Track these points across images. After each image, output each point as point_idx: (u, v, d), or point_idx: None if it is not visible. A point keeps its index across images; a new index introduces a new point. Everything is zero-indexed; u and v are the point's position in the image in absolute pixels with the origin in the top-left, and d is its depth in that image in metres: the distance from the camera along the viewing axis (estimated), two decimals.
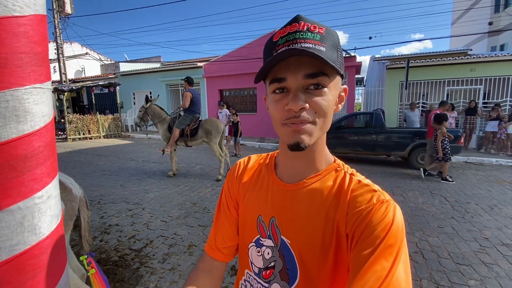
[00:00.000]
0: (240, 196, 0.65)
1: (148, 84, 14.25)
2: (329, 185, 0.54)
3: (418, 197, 4.25)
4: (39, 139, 0.59)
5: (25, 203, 0.58)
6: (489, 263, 2.45)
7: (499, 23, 14.55)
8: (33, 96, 0.58)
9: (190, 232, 3.05)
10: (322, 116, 0.48)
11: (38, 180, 0.60)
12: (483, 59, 8.43)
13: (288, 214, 0.55)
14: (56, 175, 0.66)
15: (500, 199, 4.15)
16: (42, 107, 0.61)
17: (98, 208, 3.81)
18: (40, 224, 0.61)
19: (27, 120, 0.57)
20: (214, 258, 0.67)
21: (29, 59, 0.56)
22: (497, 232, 3.05)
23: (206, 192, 4.51)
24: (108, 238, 2.93)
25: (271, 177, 0.61)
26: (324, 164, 0.56)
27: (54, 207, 0.65)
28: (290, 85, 0.47)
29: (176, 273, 2.30)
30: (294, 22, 0.46)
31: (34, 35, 0.56)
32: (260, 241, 0.59)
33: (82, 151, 8.92)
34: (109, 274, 2.28)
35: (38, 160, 0.59)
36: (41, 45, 0.58)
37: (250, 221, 0.61)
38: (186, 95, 5.09)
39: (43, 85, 0.61)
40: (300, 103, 0.45)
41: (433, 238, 2.92)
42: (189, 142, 5.28)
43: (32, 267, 0.59)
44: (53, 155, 0.64)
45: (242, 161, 0.69)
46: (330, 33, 0.47)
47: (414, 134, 6.26)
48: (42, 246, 0.61)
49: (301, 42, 0.44)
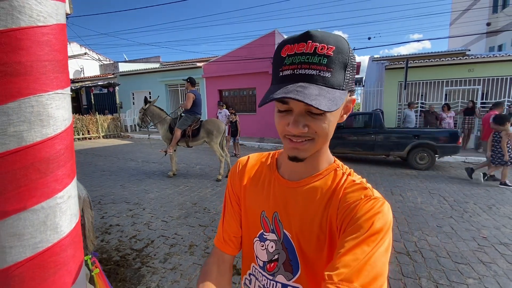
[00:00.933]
0: (242, 192, 0.68)
1: (147, 84, 14.25)
2: (327, 184, 0.57)
3: (417, 197, 4.27)
4: (61, 142, 0.62)
5: (48, 203, 0.61)
6: (487, 262, 2.48)
7: (497, 23, 14.63)
8: (55, 101, 0.61)
9: (190, 232, 3.06)
10: (322, 136, 0.50)
11: (60, 181, 0.63)
12: (481, 59, 8.47)
13: (289, 209, 0.59)
14: (75, 176, 0.69)
15: (498, 199, 4.19)
16: (63, 112, 0.64)
17: (99, 208, 3.81)
18: (61, 223, 0.64)
19: (50, 124, 0.60)
20: (222, 250, 0.71)
21: (51, 67, 0.59)
22: (495, 232, 3.08)
23: (206, 192, 4.53)
24: (109, 238, 2.94)
25: (273, 175, 0.64)
26: (325, 164, 0.59)
27: (73, 207, 0.68)
28: (292, 107, 0.49)
29: (177, 272, 2.31)
30: (302, 41, 0.45)
31: (56, 43, 0.59)
32: (264, 236, 0.63)
33: (82, 151, 8.91)
34: (111, 274, 2.30)
35: (59, 162, 0.62)
36: (62, 53, 0.61)
37: (254, 216, 0.65)
38: (188, 96, 5.11)
39: (64, 90, 0.64)
40: (300, 127, 0.48)
41: (432, 238, 2.94)
42: (191, 143, 5.30)
43: (54, 264, 0.62)
44: (72, 157, 0.67)
45: (243, 159, 0.72)
46: (340, 52, 0.46)
47: (413, 134, 6.30)
48: (63, 244, 0.64)
49: (305, 68, 0.45)
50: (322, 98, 0.43)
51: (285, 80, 0.46)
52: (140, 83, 14.51)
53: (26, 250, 0.59)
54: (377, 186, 4.86)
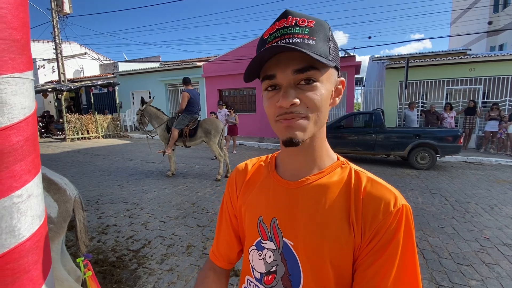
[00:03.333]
0: (240, 200, 0.63)
1: (147, 84, 14.21)
2: (335, 181, 0.51)
3: (418, 197, 4.23)
4: (18, 133, 0.55)
5: (2, 203, 0.54)
6: (490, 263, 2.44)
7: (498, 22, 14.57)
8: (11, 86, 0.53)
9: (188, 233, 3.02)
10: (315, 110, 0.46)
11: (17, 177, 0.56)
12: (482, 58, 8.42)
13: (290, 214, 0.52)
14: (39, 172, 0.62)
15: (500, 199, 4.14)
16: (22, 99, 0.56)
17: (96, 208, 3.77)
18: (20, 226, 0.57)
19: (4, 113, 0.53)
20: (216, 264, 0.67)
21: (6, 46, 0.51)
22: (498, 232, 3.03)
23: (205, 192, 4.48)
24: (106, 239, 2.90)
25: (272, 175, 0.58)
26: (328, 162, 0.54)
27: (36, 207, 0.61)
28: (280, 82, 0.46)
29: (174, 274, 2.27)
30: (282, 18, 0.46)
31: (12, 19, 0.52)
32: (262, 244, 0.56)
33: (81, 151, 8.88)
34: (107, 275, 2.26)
35: (17, 156, 0.55)
36: (20, 31, 0.54)
37: (250, 223, 0.58)
38: (183, 96, 5.09)
39: (22, 74, 0.56)
40: (290, 99, 0.44)
41: (433, 238, 2.90)
42: (188, 143, 5.26)
43: (12, 271, 0.55)
44: (35, 150, 0.60)
45: (240, 165, 0.68)
46: (321, 25, 0.45)
47: (413, 134, 6.25)
48: (22, 249, 0.57)
49: (288, 38, 0.43)
50: (311, 52, 0.42)
51: None
52: (140, 83, 14.47)
53: None
54: None
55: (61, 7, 12.25)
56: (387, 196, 0.46)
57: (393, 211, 0.45)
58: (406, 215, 0.45)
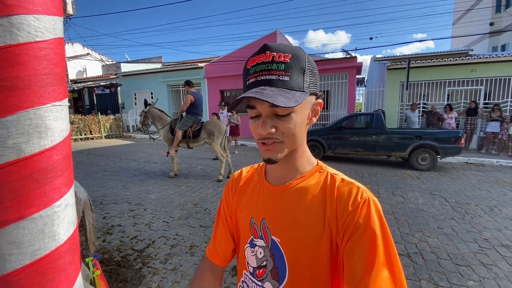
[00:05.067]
0: (236, 203, 0.71)
1: (149, 84, 14.31)
2: (313, 183, 0.58)
3: (418, 198, 4.27)
4: (58, 152, 0.64)
5: (46, 212, 0.63)
6: (488, 264, 2.47)
7: (500, 23, 14.53)
8: (53, 113, 0.63)
9: (191, 233, 3.08)
10: (290, 137, 0.53)
11: (57, 190, 0.65)
12: (484, 59, 8.43)
13: (277, 214, 0.60)
14: (72, 184, 0.72)
15: (500, 200, 4.17)
16: (61, 123, 0.66)
17: (101, 208, 3.84)
18: (59, 231, 0.66)
19: (48, 136, 0.62)
20: (212, 261, 0.74)
21: (49, 80, 0.61)
22: (497, 233, 3.07)
23: (208, 192, 4.54)
24: (111, 239, 2.96)
25: (262, 182, 0.66)
26: (308, 167, 0.61)
27: (71, 214, 0.70)
28: (260, 112, 0.52)
29: (178, 273, 2.33)
30: (261, 53, 0.51)
31: (53, 57, 0.61)
32: (254, 242, 0.64)
33: (84, 151, 8.97)
34: (112, 274, 2.31)
35: (57, 172, 0.64)
36: (59, 66, 0.63)
37: (244, 224, 0.66)
38: (186, 98, 5.16)
39: (61, 102, 0.66)
40: (267, 128, 0.51)
41: (432, 239, 2.94)
42: (191, 144, 5.32)
43: (52, 270, 0.64)
44: (70, 166, 0.70)
45: (236, 173, 0.76)
46: (296, 58, 0.51)
47: (414, 135, 6.28)
48: (60, 251, 0.66)
49: (266, 74, 0.50)
50: (280, 97, 0.47)
51: (250, 87, 0.52)
52: (142, 84, 14.57)
53: (25, 258, 0.61)
54: (378, 187, 4.86)
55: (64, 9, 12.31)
56: (354, 190, 0.54)
57: (360, 202, 0.52)
58: (374, 205, 0.52)
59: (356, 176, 5.65)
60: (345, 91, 10.35)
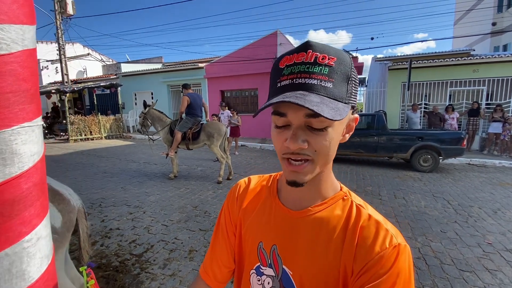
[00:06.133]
0: (240, 219, 0.62)
1: (149, 85, 14.27)
2: (336, 214, 0.51)
3: (421, 200, 4.21)
4: (28, 180, 0.56)
5: (13, 249, 0.55)
6: (493, 269, 2.42)
7: (502, 23, 14.46)
8: (21, 136, 0.55)
9: (191, 237, 3.03)
10: (322, 155, 0.45)
11: (27, 223, 0.57)
12: (486, 59, 8.36)
13: (291, 242, 0.53)
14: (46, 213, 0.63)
15: (503, 203, 4.11)
16: (31, 146, 0.58)
17: (99, 211, 3.80)
18: (29, 269, 0.58)
19: (15, 162, 0.54)
20: (207, 283, 0.66)
21: (16, 98, 0.53)
22: (501, 237, 3.01)
23: (207, 195, 4.50)
24: (109, 243, 2.92)
25: (274, 201, 0.58)
26: (331, 192, 0.54)
27: (44, 248, 0.62)
28: (290, 121, 0.44)
29: (176, 279, 2.29)
30: (302, 51, 0.43)
31: (22, 72, 0.54)
32: (261, 270, 0.56)
33: (84, 152, 8.94)
34: (110, 280, 2.27)
35: (26, 203, 0.56)
36: (29, 81, 0.56)
37: (251, 247, 0.59)
38: (183, 99, 5.16)
39: (32, 122, 0.58)
40: (299, 142, 0.43)
41: (435, 243, 2.89)
42: (191, 146, 5.28)
43: None
44: (43, 193, 0.61)
45: (243, 181, 0.66)
46: (342, 63, 0.43)
47: (416, 136, 6.23)
48: None
49: (305, 77, 0.42)
50: (325, 107, 0.39)
51: (284, 90, 0.43)
52: (142, 84, 14.53)
53: None
54: (379, 189, 4.81)
55: (64, 9, 12.34)
56: (382, 233, 0.46)
57: (387, 249, 0.44)
58: (404, 255, 0.44)
59: (358, 178, 5.61)
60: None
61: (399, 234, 0.47)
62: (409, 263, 0.44)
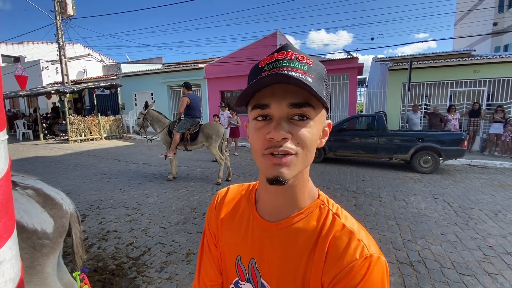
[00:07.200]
0: (219, 230, 0.60)
1: (149, 85, 14.26)
2: (311, 225, 0.49)
3: (421, 202, 4.18)
4: None
5: None
6: (493, 273, 2.39)
7: (503, 23, 14.42)
8: None
9: (188, 239, 3.01)
10: (305, 148, 0.44)
11: None
12: (487, 60, 8.33)
13: (268, 255, 0.51)
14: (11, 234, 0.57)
15: (504, 205, 4.08)
16: None
17: (97, 213, 3.78)
18: None
19: None
20: None
21: None
22: (502, 240, 2.98)
23: (206, 196, 4.47)
24: (106, 245, 2.90)
25: (251, 212, 0.56)
26: (308, 200, 0.52)
27: (9, 271, 0.56)
28: (273, 113, 0.43)
29: (173, 283, 2.26)
30: (282, 50, 0.45)
31: None
32: (239, 285, 0.55)
33: (83, 153, 8.92)
34: (106, 284, 2.25)
35: None
36: None
37: (229, 260, 0.57)
38: (182, 100, 5.12)
39: None
40: (283, 132, 0.42)
41: (436, 246, 2.86)
42: (189, 147, 5.26)
43: None
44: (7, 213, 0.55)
45: (222, 191, 0.65)
46: (318, 65, 0.45)
47: (416, 137, 6.20)
48: None
49: (288, 70, 0.42)
50: (308, 85, 0.41)
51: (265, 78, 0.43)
52: (142, 84, 14.52)
53: None
54: (380, 190, 4.78)
55: (64, 9, 12.35)
56: (353, 244, 0.44)
57: (357, 261, 0.43)
58: (377, 267, 0.42)
59: (358, 179, 5.58)
60: (346, 92, 10.27)
61: (373, 245, 0.45)
62: (383, 276, 0.42)
